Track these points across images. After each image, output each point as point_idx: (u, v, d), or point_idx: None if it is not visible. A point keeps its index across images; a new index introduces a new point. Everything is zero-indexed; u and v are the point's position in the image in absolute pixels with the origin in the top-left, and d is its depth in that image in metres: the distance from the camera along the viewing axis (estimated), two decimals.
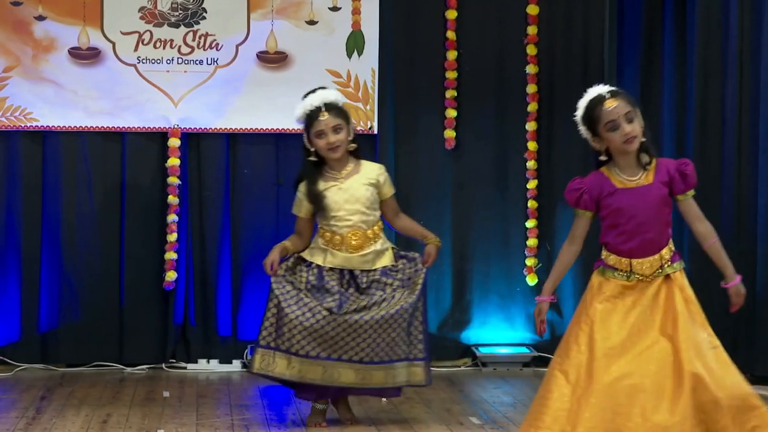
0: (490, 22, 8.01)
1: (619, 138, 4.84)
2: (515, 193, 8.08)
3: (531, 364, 7.91)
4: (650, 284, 4.84)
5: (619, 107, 4.86)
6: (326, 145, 5.95)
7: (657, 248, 4.85)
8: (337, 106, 6.04)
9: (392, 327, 5.84)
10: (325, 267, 5.93)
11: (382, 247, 6.00)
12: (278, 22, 7.81)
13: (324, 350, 5.80)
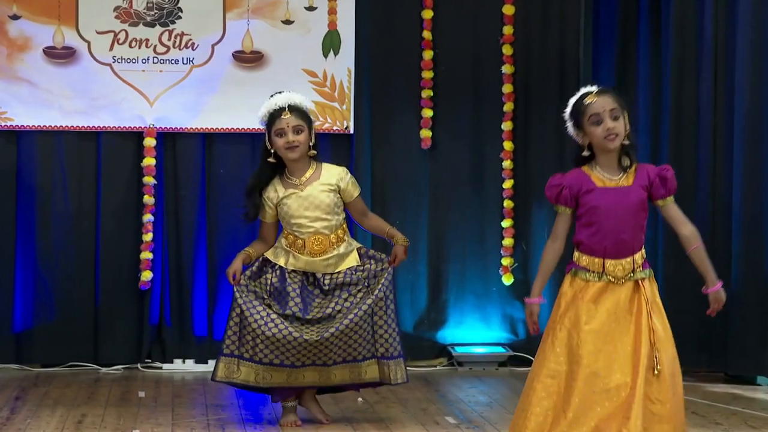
0: (466, 22, 8.02)
1: (601, 132, 4.82)
2: (491, 193, 8.08)
3: (507, 363, 7.91)
4: (621, 288, 4.81)
5: (604, 102, 4.85)
6: (285, 143, 5.91)
7: (630, 251, 4.83)
8: (300, 108, 6.01)
9: (355, 332, 5.83)
10: (288, 269, 5.91)
11: (345, 250, 5.96)
12: (254, 21, 7.80)
13: (287, 358, 5.79)
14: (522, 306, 8.05)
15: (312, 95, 7.82)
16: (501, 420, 6.11)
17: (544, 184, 7.90)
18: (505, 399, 6.77)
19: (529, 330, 5.06)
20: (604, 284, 4.82)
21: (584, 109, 4.86)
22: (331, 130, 7.88)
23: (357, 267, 5.94)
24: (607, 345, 4.74)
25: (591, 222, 4.86)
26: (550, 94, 8.06)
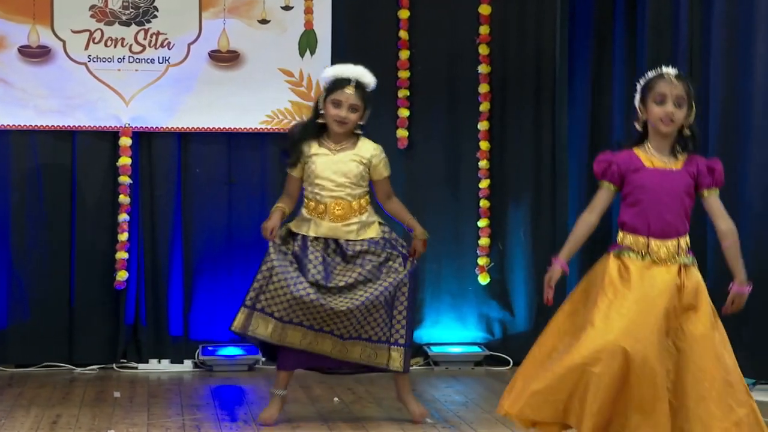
0: (442, 22, 8.02)
1: (658, 113, 4.86)
2: (467, 193, 8.08)
3: (483, 363, 7.92)
4: (665, 270, 4.83)
5: (675, 88, 4.88)
6: (336, 116, 5.95)
7: (676, 233, 4.86)
8: (365, 88, 6.04)
9: (377, 309, 5.85)
10: (310, 237, 5.92)
11: (368, 219, 5.99)
12: (230, 21, 7.78)
13: (306, 320, 5.79)
14: (498, 305, 8.06)
15: (288, 95, 7.82)
16: (477, 419, 6.11)
17: (520, 184, 8.06)
18: (481, 399, 6.77)
19: (544, 297, 4.99)
20: (648, 263, 4.83)
21: (653, 86, 4.90)
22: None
23: (378, 239, 5.97)
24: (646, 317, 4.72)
25: (636, 201, 4.89)
26: (526, 94, 8.08)
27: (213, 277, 7.88)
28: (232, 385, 7.21)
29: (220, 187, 7.91)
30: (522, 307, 8.07)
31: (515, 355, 7.95)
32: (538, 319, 8.04)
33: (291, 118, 7.82)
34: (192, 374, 7.62)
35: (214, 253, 7.90)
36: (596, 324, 4.72)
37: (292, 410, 6.33)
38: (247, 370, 7.69)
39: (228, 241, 7.91)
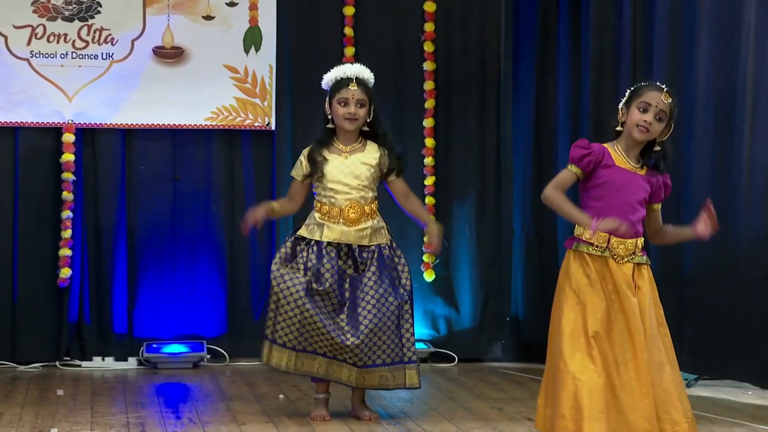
0: (387, 19, 8.03)
1: (637, 119, 4.94)
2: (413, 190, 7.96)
3: (428, 359, 7.93)
4: (621, 269, 4.90)
5: (661, 103, 4.96)
6: (346, 113, 5.93)
7: (635, 234, 4.95)
8: (366, 83, 6.02)
9: (383, 332, 5.87)
10: (324, 242, 5.90)
11: (378, 224, 5.99)
12: (174, 16, 7.74)
13: (320, 347, 5.84)
14: (443, 302, 8.09)
15: (233, 91, 7.80)
16: (422, 415, 6.12)
17: (465, 181, 8.08)
18: (425, 395, 6.78)
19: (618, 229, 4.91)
20: (605, 259, 4.92)
21: (642, 94, 4.98)
22: (252, 126, 7.84)
23: (385, 246, 5.97)
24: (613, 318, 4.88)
25: (602, 196, 4.97)
26: (471, 91, 8.10)
27: (157, 274, 7.84)
28: (176, 382, 7.18)
29: (165, 184, 7.88)
30: (467, 303, 8.10)
31: (460, 351, 7.98)
32: (483, 316, 8.06)
33: (236, 115, 7.80)
34: (136, 372, 7.58)
35: (159, 250, 7.86)
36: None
37: (237, 407, 6.31)
38: (191, 367, 7.66)
39: (173, 238, 7.88)
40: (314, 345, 5.84)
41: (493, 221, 8.13)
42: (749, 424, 5.85)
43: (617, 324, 4.88)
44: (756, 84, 6.56)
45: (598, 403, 4.84)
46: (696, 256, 6.88)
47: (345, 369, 5.88)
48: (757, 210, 6.57)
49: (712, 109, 6.86)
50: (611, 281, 4.91)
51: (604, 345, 4.87)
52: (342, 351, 5.83)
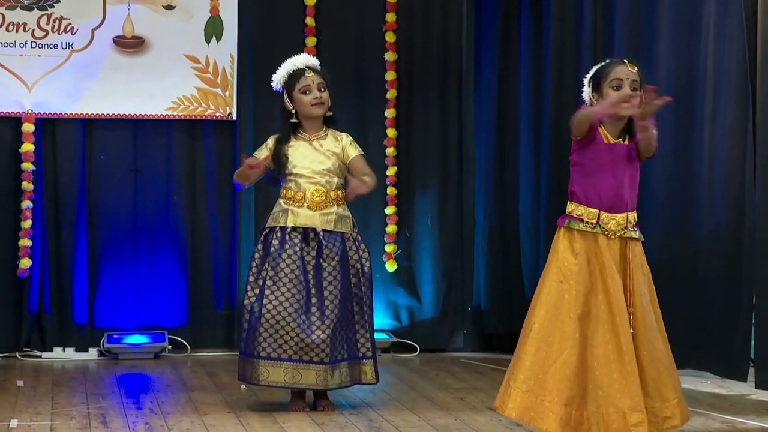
0: (348, 9, 8.02)
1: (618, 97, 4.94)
2: None
3: (390, 350, 7.95)
4: (611, 243, 4.93)
5: (633, 73, 4.97)
6: (313, 99, 5.93)
7: (625, 208, 4.97)
8: (319, 69, 6.02)
9: (343, 325, 5.88)
10: (288, 228, 5.89)
11: (344, 212, 5.98)
12: (135, 6, 7.69)
13: (284, 352, 5.82)
14: (405, 293, 8.10)
15: (194, 81, 7.78)
16: (384, 405, 6.13)
17: (426, 171, 8.08)
18: (388, 385, 6.79)
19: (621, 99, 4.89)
20: (595, 236, 4.94)
21: (609, 73, 4.99)
22: (213, 116, 7.81)
23: (349, 236, 5.96)
24: (594, 299, 4.89)
25: (589, 172, 4.99)
26: (432, 82, 8.10)
27: (118, 264, 7.80)
28: (137, 373, 7.16)
29: (126, 175, 7.85)
30: (429, 294, 8.10)
31: (422, 341, 7.99)
32: (444, 307, 8.07)
33: (197, 105, 7.77)
34: (97, 362, 7.55)
35: (120, 240, 7.82)
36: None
37: (199, 398, 6.30)
38: (152, 358, 7.63)
39: (133, 229, 7.84)
40: (278, 351, 5.82)
41: (455, 211, 8.14)
42: (707, 412, 5.89)
43: (601, 303, 4.89)
44: (716, 76, 6.60)
45: (567, 384, 4.87)
46: (656, 245, 6.92)
47: (312, 371, 5.86)
48: (718, 201, 6.62)
49: (672, 101, 6.89)
50: (599, 259, 4.93)
51: (585, 324, 4.89)
52: (309, 349, 5.82)
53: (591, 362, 4.87)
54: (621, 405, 4.82)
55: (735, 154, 6.48)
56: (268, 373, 5.85)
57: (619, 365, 4.85)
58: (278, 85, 6.07)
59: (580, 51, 7.50)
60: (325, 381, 5.86)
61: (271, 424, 5.63)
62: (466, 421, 5.70)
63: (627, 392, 4.83)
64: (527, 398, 4.91)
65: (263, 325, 5.84)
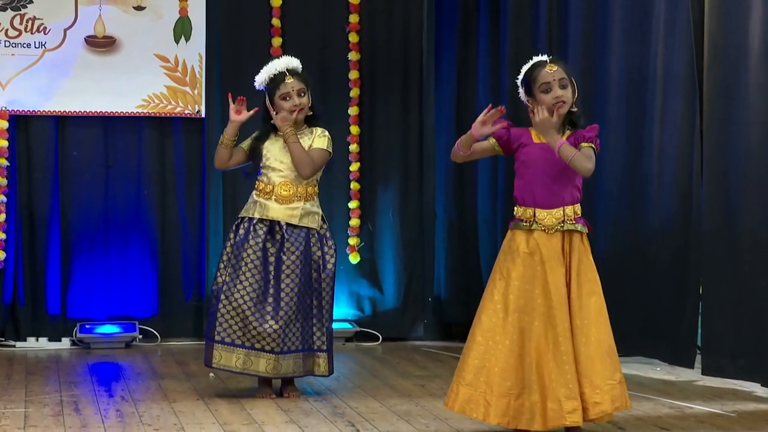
0: (313, 10, 8.03)
1: (550, 100, 5.00)
2: (338, 175, 8.11)
3: (353, 338, 7.96)
4: (551, 237, 4.98)
5: (556, 72, 5.02)
6: (292, 106, 5.93)
7: (561, 202, 5.01)
8: (299, 72, 6.02)
9: (299, 318, 5.90)
10: (255, 219, 5.92)
11: (311, 208, 5.99)
12: (106, 7, 7.69)
13: (238, 338, 5.86)
14: (368, 284, 8.13)
15: (164, 80, 7.77)
16: (348, 392, 6.16)
17: (388, 167, 8.11)
18: (351, 372, 6.82)
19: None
20: (535, 233, 4.99)
21: (536, 78, 5.04)
22: (182, 113, 7.82)
23: (316, 232, 5.98)
24: (531, 293, 4.95)
25: (522, 175, 5.07)
26: (394, 80, 8.13)
27: (90, 257, 7.80)
28: (109, 362, 7.15)
29: (98, 170, 7.84)
30: (391, 285, 8.14)
31: (384, 331, 8.02)
32: (406, 297, 8.11)
33: (167, 103, 7.78)
34: (70, 352, 7.54)
35: (92, 233, 7.82)
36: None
37: (169, 386, 6.31)
38: (124, 347, 7.63)
39: (105, 222, 7.84)
40: (232, 336, 5.86)
41: (416, 205, 8.18)
42: (656, 398, 5.95)
43: (538, 297, 4.95)
44: (665, 76, 6.64)
45: (505, 376, 4.94)
46: (608, 238, 6.96)
47: (262, 359, 5.89)
48: (667, 195, 6.66)
49: (624, 99, 6.95)
50: (540, 255, 4.98)
51: (524, 317, 4.95)
52: (261, 337, 5.85)
53: (529, 354, 4.92)
54: (557, 393, 4.88)
55: (683, 151, 6.52)
56: (221, 356, 5.89)
57: (556, 355, 4.90)
58: (260, 86, 6.08)
59: (537, 51, 7.50)
60: (275, 369, 5.88)
61: (239, 410, 5.64)
62: (426, 407, 5.73)
63: (563, 381, 4.88)
64: (468, 391, 4.99)
65: (220, 311, 5.88)
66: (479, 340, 5.00)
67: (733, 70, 6.15)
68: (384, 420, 5.46)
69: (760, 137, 6.01)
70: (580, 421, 4.90)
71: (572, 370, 4.90)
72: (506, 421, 4.95)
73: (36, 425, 5.31)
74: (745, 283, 6.10)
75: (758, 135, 6.02)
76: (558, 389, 4.88)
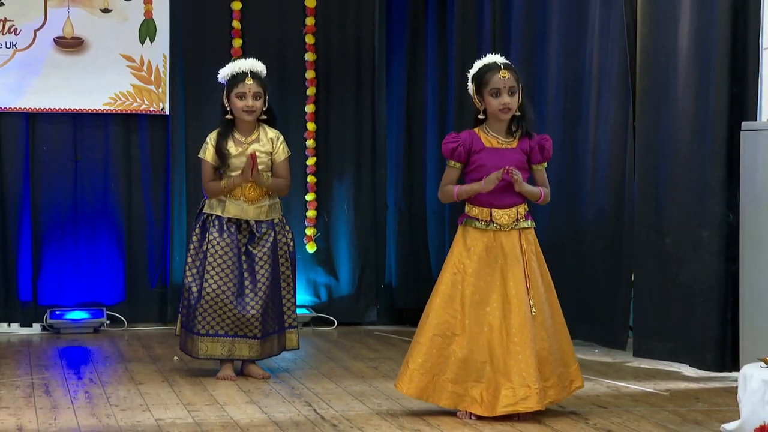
0: (271, 13, 8.04)
1: (497, 105, 5.05)
2: (296, 169, 8.10)
3: (311, 323, 7.99)
4: (507, 235, 5.04)
5: (507, 80, 5.06)
6: (244, 107, 5.95)
7: (514, 203, 5.08)
8: (261, 76, 6.04)
9: (274, 301, 5.97)
10: (224, 218, 5.95)
11: (273, 201, 6.05)
12: (74, 9, 7.69)
13: (221, 328, 5.91)
14: (324, 271, 8.14)
15: (130, 78, 7.77)
16: (305, 374, 6.20)
17: (343, 162, 8.15)
18: (308, 356, 6.85)
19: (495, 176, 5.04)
20: (492, 232, 5.04)
21: (488, 81, 5.07)
22: (148, 111, 7.83)
23: (279, 221, 6.04)
24: (487, 288, 5.00)
25: (479, 178, 5.08)
26: (348, 79, 8.17)
27: (60, 246, 7.80)
28: (78, 346, 7.15)
29: (67, 164, 7.82)
30: (345, 272, 8.18)
31: (339, 316, 8.05)
32: (360, 284, 8.15)
33: (132, 100, 7.79)
34: (40, 337, 7.53)
35: (62, 224, 7.81)
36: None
37: (135, 368, 6.33)
38: (92, 332, 7.64)
39: (74, 214, 7.83)
40: (215, 327, 5.92)
41: (369, 197, 8.22)
42: (596, 378, 6.03)
43: (494, 290, 5.00)
44: (600, 76, 6.70)
45: (460, 365, 4.99)
46: (547, 228, 7.02)
47: (246, 345, 5.96)
48: (601, 188, 6.72)
49: (561, 97, 7.01)
50: (499, 251, 5.04)
51: (478, 309, 5.00)
52: (243, 325, 5.92)
53: (485, 343, 4.98)
54: (512, 381, 4.94)
55: (617, 146, 6.58)
56: (207, 347, 5.95)
57: (510, 345, 4.96)
58: (222, 79, 6.10)
59: (481, 51, 7.56)
60: (258, 353, 5.98)
61: (202, 392, 5.68)
62: (379, 388, 5.79)
63: (517, 369, 4.94)
64: (424, 378, 5.03)
65: (203, 305, 5.92)
66: (434, 330, 5.03)
67: (663, 73, 6.21)
68: (339, 400, 5.51)
69: (687, 135, 6.09)
70: (533, 407, 4.95)
71: (527, 360, 4.94)
72: (461, 405, 5.02)
73: (8, 406, 5.32)
74: (672, 271, 6.18)
75: (686, 134, 6.09)
76: (512, 377, 4.94)
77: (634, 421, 5.05)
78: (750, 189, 5.73)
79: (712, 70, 5.88)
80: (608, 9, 6.61)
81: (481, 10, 7.53)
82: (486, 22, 7.49)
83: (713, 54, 5.88)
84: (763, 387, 4.33)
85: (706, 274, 5.97)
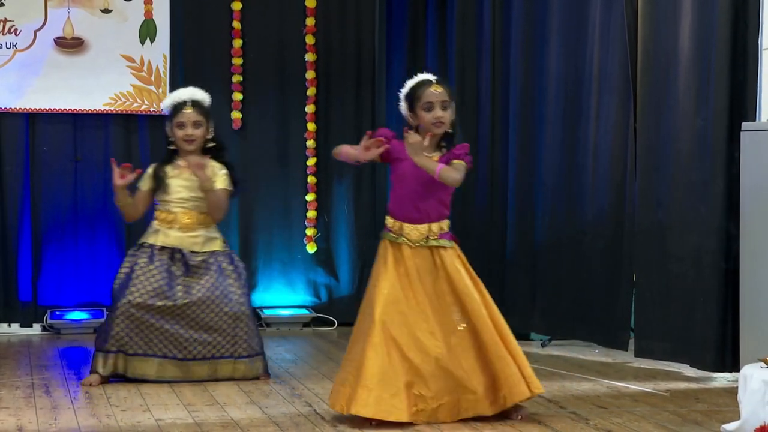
0: (271, 14, 8.06)
1: (430, 119, 4.99)
2: (296, 170, 8.16)
3: (311, 324, 8.01)
4: (418, 252, 4.98)
5: (440, 94, 5.01)
6: (184, 135, 5.94)
7: (428, 219, 5.00)
8: (201, 104, 6.01)
9: (214, 329, 5.89)
10: (157, 246, 5.91)
11: (212, 234, 6.00)
12: (74, 9, 7.70)
13: (150, 348, 5.85)
14: (324, 272, 8.16)
15: (130, 79, 7.78)
16: (305, 375, 6.20)
17: (343, 162, 8.10)
18: (309, 356, 6.86)
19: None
20: (401, 245, 4.99)
21: (420, 96, 5.01)
22: (148, 111, 7.84)
23: (221, 252, 5.98)
24: (399, 305, 4.92)
25: (395, 189, 5.07)
26: (348, 80, 8.18)
27: (60, 247, 7.80)
28: (78, 346, 7.16)
29: (66, 164, 7.83)
30: (346, 273, 8.19)
31: (340, 316, 8.06)
32: (360, 284, 8.16)
33: (132, 101, 7.80)
34: (40, 337, 7.54)
35: (61, 225, 7.82)
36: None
37: None
38: (92, 332, 7.62)
39: (74, 214, 7.84)
40: (144, 347, 5.85)
41: (369, 197, 8.23)
42: (595, 378, 6.04)
43: (407, 304, 4.92)
44: (600, 77, 6.69)
45: (403, 379, 4.86)
46: (546, 228, 7.03)
47: (172, 366, 5.87)
48: (601, 188, 6.72)
49: (561, 97, 7.01)
50: (403, 265, 4.97)
51: (395, 324, 4.90)
52: (170, 344, 5.86)
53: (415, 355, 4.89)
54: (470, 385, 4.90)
55: (617, 147, 6.57)
56: (135, 367, 5.85)
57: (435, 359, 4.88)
58: (165, 110, 6.09)
59: (480, 53, 7.59)
60: (185, 374, 5.87)
61: (201, 392, 5.68)
62: None
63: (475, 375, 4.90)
64: (372, 396, 4.85)
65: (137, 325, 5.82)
66: (373, 347, 4.89)
67: (663, 74, 6.21)
68: None
69: (688, 135, 6.09)
70: (487, 411, 4.93)
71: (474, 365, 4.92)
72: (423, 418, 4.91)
73: (8, 407, 5.33)
74: (673, 272, 6.17)
75: (687, 134, 6.09)
76: (469, 381, 4.90)
77: (634, 422, 5.04)
78: (750, 189, 5.72)
79: (713, 71, 5.88)
80: (608, 9, 6.61)
81: (481, 10, 7.54)
82: (486, 22, 7.49)
83: (713, 54, 5.88)
84: (763, 387, 4.32)
85: (706, 274, 5.97)
